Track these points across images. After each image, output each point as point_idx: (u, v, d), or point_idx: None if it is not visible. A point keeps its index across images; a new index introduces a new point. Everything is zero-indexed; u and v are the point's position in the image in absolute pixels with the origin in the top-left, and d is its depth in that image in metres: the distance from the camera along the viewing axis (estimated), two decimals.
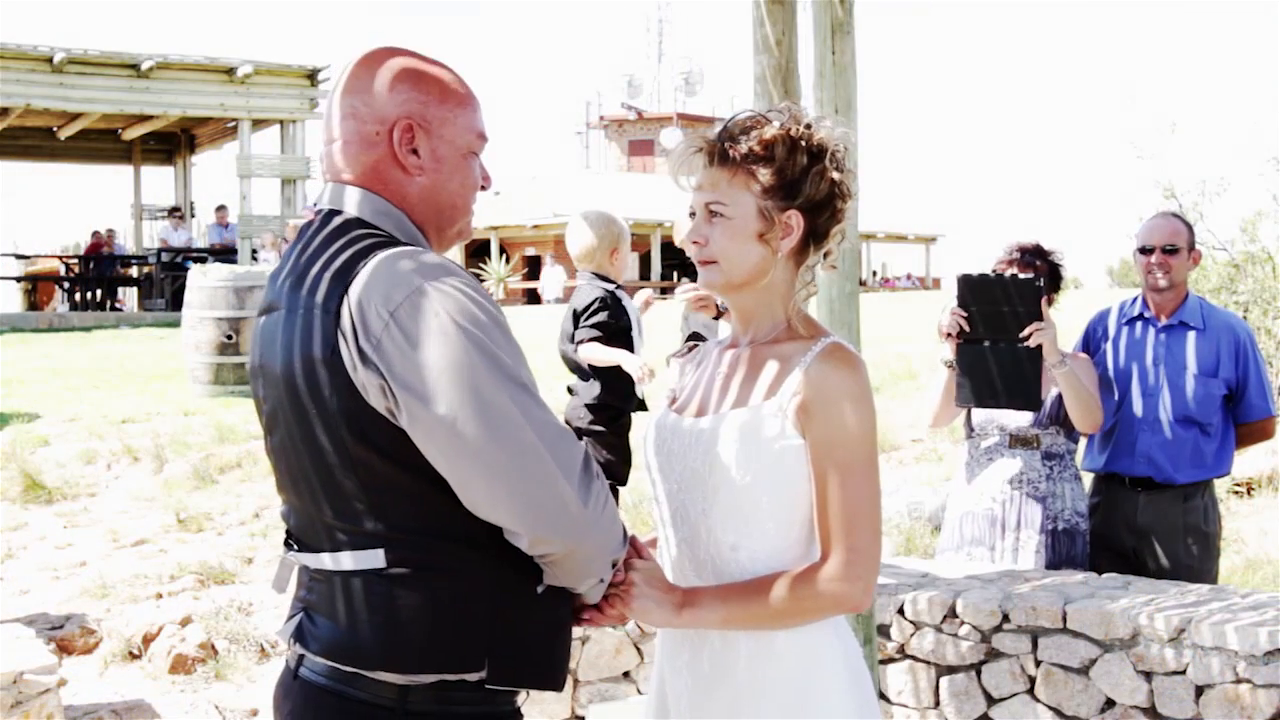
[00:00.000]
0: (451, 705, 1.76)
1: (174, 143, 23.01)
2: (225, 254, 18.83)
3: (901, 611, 3.94)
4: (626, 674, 4.02)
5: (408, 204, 1.85)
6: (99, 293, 21.09)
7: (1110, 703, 3.54)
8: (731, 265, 2.01)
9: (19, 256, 24.41)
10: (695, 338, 5.14)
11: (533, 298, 33.17)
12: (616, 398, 5.13)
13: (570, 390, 5.36)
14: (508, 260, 34.14)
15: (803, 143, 1.98)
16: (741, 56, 3.84)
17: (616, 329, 5.15)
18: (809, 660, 1.97)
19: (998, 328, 3.95)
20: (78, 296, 20.99)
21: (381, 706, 1.75)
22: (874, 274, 38.83)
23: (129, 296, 22.43)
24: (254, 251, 18.44)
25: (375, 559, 1.73)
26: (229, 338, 9.99)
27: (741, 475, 1.95)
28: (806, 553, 1.97)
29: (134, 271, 21.71)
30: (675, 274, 33.76)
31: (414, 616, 1.72)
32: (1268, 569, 6.08)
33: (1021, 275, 4.00)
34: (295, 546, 1.86)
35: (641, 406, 5.17)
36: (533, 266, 36.12)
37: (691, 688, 2.05)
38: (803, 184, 1.98)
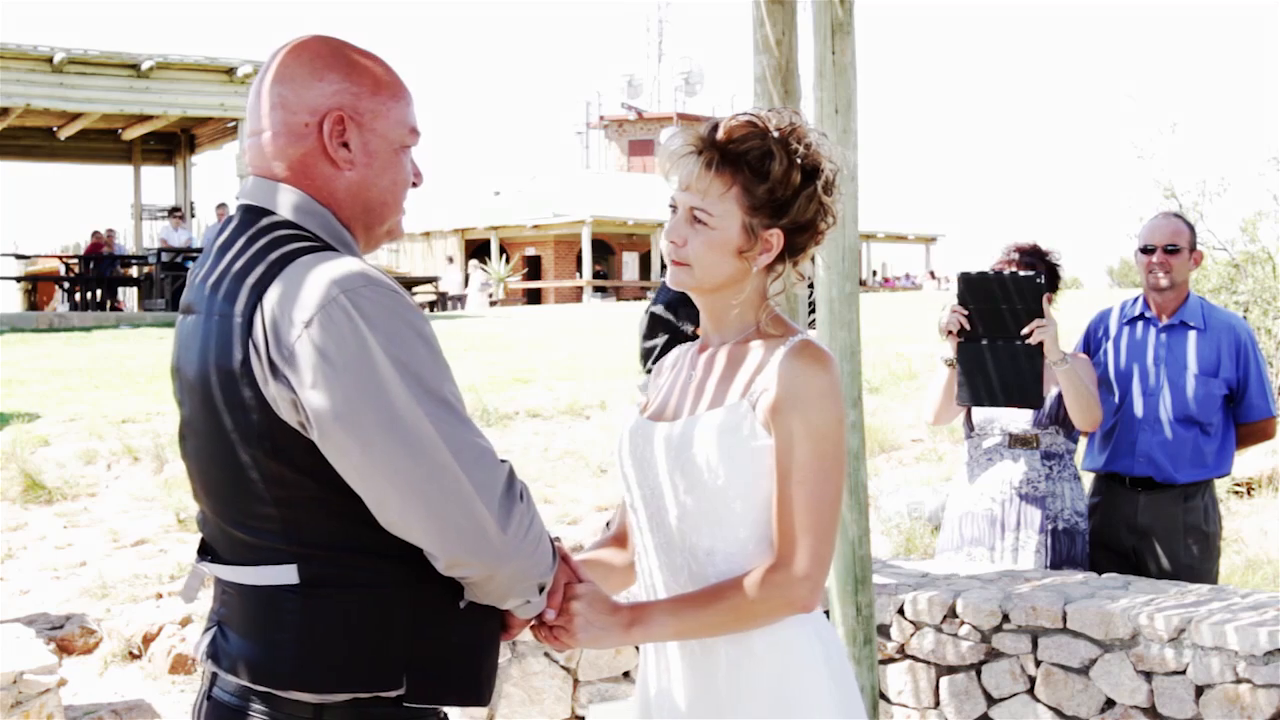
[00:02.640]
0: None
1: (174, 143, 22.98)
2: None
3: (901, 611, 3.94)
4: (626, 674, 4.02)
5: (335, 200, 1.76)
6: (99, 293, 21.05)
7: (1110, 703, 3.54)
8: (704, 272, 1.99)
9: (19, 256, 24.40)
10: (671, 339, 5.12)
11: (533, 298, 33.16)
12: None
13: (641, 390, 5.33)
14: (508, 260, 34.12)
15: (799, 160, 1.95)
16: (741, 56, 3.84)
17: (682, 337, 5.09)
18: (789, 662, 1.96)
19: (998, 326, 3.95)
20: (78, 296, 20.96)
21: None
22: (874, 274, 38.83)
23: (129, 296, 22.41)
24: None
25: (288, 574, 1.66)
26: None
27: (714, 478, 1.93)
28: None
29: (134, 271, 21.68)
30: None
31: (328, 633, 1.65)
32: (1268, 569, 6.08)
33: (1022, 273, 4.00)
34: (209, 556, 1.78)
35: None
36: (533, 266, 36.12)
37: (672, 690, 2.04)
38: (792, 205, 1.96)
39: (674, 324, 4.69)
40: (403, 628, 1.68)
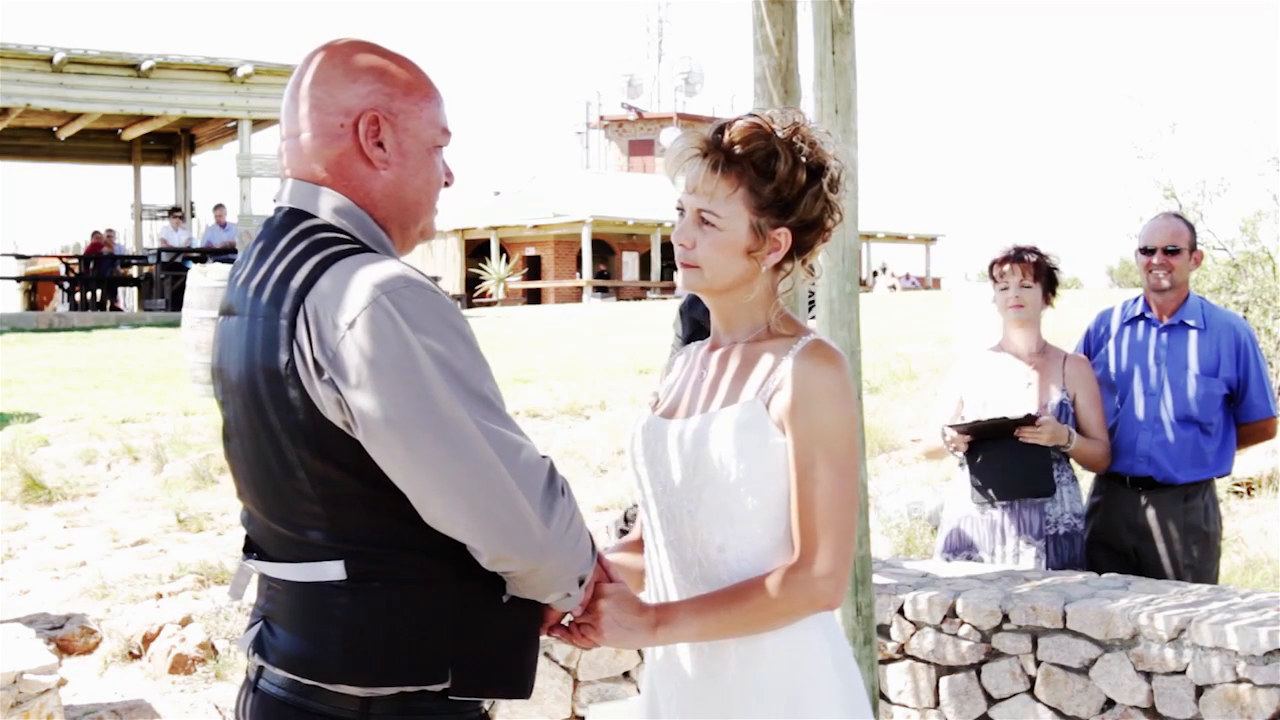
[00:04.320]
0: (415, 716, 1.72)
1: (174, 143, 22.99)
2: (225, 254, 18.81)
3: (901, 611, 3.94)
4: (626, 674, 4.02)
5: (371, 200, 1.80)
6: (99, 293, 21.07)
7: (1110, 703, 3.54)
8: (714, 274, 2.01)
9: (19, 256, 24.40)
10: (695, 336, 5.13)
11: (533, 298, 33.16)
12: None
13: None
14: (508, 260, 34.11)
15: (804, 159, 1.97)
16: (741, 56, 3.85)
17: None
18: (798, 662, 1.96)
19: (999, 436, 4.07)
20: (78, 296, 20.97)
21: None
22: (874, 274, 38.80)
23: (129, 296, 22.41)
24: None
25: (335, 570, 1.69)
26: None
27: (727, 475, 1.95)
28: (790, 551, 1.96)
29: (134, 271, 21.68)
30: (675, 274, 33.64)
31: (375, 628, 1.69)
32: (1268, 569, 6.08)
33: (1011, 415, 4.04)
34: (254, 554, 1.82)
35: None
36: (533, 266, 36.11)
37: (681, 690, 2.05)
38: (798, 203, 1.97)
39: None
40: (448, 622, 1.71)
